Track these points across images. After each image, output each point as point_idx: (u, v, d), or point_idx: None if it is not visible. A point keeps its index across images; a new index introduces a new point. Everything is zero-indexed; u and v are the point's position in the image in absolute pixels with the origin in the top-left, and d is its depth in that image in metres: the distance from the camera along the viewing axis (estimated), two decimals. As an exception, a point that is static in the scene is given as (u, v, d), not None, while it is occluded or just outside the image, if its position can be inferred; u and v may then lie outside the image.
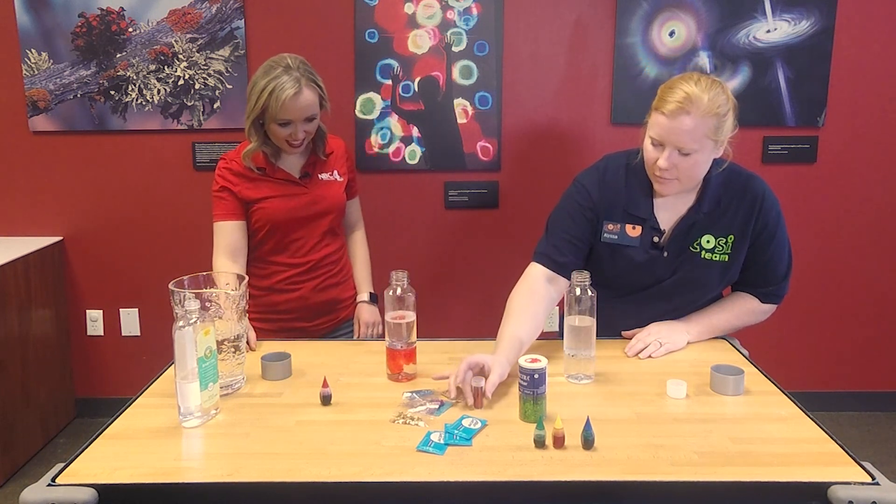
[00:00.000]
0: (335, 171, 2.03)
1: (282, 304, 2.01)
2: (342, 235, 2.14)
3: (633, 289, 1.75)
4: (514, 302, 1.65)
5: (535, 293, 1.67)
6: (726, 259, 1.68)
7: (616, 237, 1.69)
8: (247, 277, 1.63)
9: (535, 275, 1.69)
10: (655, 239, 1.67)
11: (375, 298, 2.16)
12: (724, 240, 1.67)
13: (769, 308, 1.79)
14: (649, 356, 1.67)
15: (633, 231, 1.67)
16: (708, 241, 1.67)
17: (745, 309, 1.77)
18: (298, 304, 2.02)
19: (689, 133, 1.52)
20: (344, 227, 2.17)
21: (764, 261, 1.72)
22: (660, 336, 1.69)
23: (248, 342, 1.70)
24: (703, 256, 1.68)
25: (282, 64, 1.84)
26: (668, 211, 1.68)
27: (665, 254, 1.68)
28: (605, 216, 1.70)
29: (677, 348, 1.70)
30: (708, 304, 1.79)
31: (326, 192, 2.00)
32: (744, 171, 1.72)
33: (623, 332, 1.76)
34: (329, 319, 2.08)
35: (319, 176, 2.00)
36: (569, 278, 1.61)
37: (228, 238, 1.93)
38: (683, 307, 1.77)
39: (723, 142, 1.59)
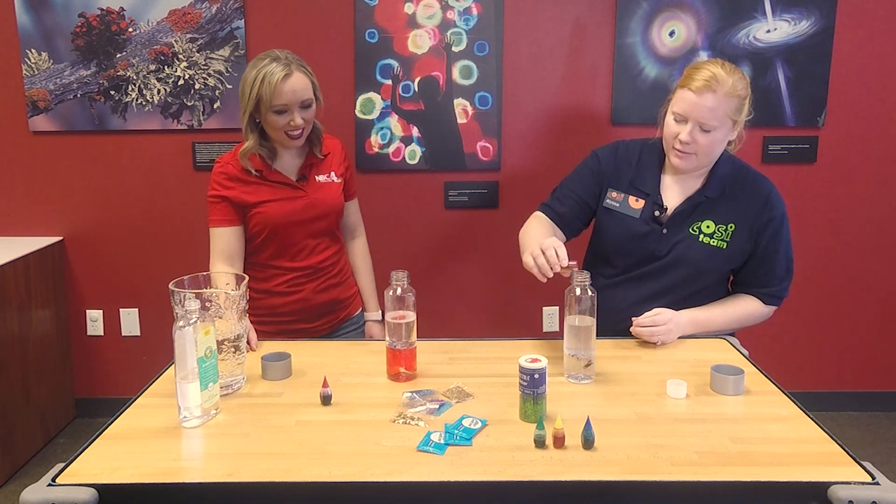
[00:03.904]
0: (332, 173, 2.01)
1: (282, 307, 2.00)
2: (341, 236, 2.13)
3: (629, 264, 1.77)
4: (528, 230, 1.79)
5: (544, 221, 1.82)
6: (724, 246, 1.72)
7: (617, 205, 1.77)
8: (247, 277, 1.62)
9: (539, 215, 1.85)
10: (657, 213, 1.73)
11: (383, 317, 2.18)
12: (725, 227, 1.71)
13: (769, 311, 1.82)
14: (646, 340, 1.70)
15: (636, 203, 1.75)
16: (708, 227, 1.71)
17: (746, 309, 1.79)
18: (299, 307, 2.01)
19: (712, 110, 1.61)
20: (343, 232, 2.15)
21: (766, 257, 1.74)
22: (663, 335, 1.69)
23: (248, 342, 1.70)
24: (700, 240, 1.72)
25: (269, 55, 1.85)
26: (674, 191, 1.75)
27: (664, 230, 1.73)
28: (610, 183, 1.79)
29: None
30: (702, 297, 1.78)
31: (324, 195, 1.98)
32: (752, 168, 1.79)
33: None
34: (330, 319, 2.07)
35: (316, 178, 1.98)
36: (564, 230, 1.81)
37: (224, 244, 1.93)
38: (675, 290, 1.76)
39: (739, 123, 1.67)
